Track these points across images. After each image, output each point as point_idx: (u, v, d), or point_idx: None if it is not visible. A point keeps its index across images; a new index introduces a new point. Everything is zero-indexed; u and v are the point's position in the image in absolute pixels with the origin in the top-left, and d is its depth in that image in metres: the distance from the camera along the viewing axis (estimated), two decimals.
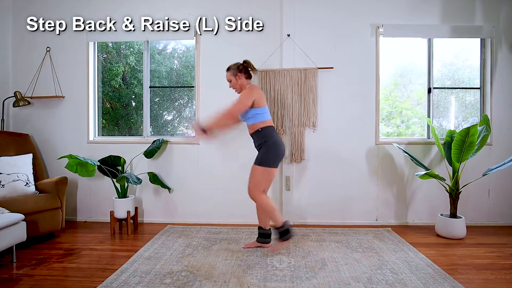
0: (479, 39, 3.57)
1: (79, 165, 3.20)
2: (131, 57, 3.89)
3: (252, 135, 2.68)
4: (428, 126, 3.55)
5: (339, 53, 3.51)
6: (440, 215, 3.19)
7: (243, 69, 2.70)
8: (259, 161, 2.57)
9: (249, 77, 2.73)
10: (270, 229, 2.81)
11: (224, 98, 3.44)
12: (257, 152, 2.68)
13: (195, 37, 3.57)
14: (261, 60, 3.48)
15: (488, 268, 2.42)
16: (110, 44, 3.87)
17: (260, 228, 2.80)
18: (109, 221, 3.30)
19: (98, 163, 3.31)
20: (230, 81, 2.73)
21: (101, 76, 3.85)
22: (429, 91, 3.60)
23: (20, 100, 3.46)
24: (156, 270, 2.34)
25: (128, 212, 3.23)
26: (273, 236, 2.75)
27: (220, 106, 3.49)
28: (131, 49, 3.88)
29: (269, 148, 2.55)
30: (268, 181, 2.59)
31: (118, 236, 3.18)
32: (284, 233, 2.58)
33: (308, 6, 3.50)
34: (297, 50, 3.47)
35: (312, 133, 3.52)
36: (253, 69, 2.75)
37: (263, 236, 2.78)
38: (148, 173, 3.51)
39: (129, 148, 3.61)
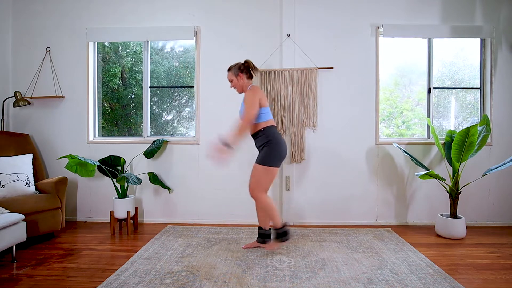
0: (479, 39, 3.57)
1: (79, 165, 3.19)
2: (127, 58, 3.88)
3: (253, 135, 2.67)
4: (428, 126, 3.55)
5: (339, 53, 3.51)
6: (440, 215, 3.19)
7: (245, 69, 2.68)
8: (261, 160, 2.55)
9: (250, 77, 2.72)
10: (270, 229, 2.81)
11: (224, 98, 3.45)
12: (257, 152, 2.68)
13: (195, 37, 3.57)
14: (261, 60, 3.48)
15: (488, 268, 2.42)
16: (107, 44, 3.87)
17: (260, 228, 2.80)
18: (109, 221, 3.30)
19: (98, 163, 3.31)
20: (231, 81, 2.73)
21: (101, 76, 3.85)
22: (429, 91, 3.60)
23: (20, 100, 3.46)
24: (156, 270, 2.34)
25: (128, 212, 3.23)
26: (272, 236, 2.75)
27: (221, 106, 3.52)
28: (127, 50, 3.88)
29: (272, 148, 2.54)
30: (269, 180, 2.59)
31: (118, 236, 3.18)
32: (282, 234, 2.59)
33: (308, 6, 3.50)
34: (297, 50, 3.47)
35: (312, 133, 3.52)
36: (254, 69, 2.71)
37: (263, 236, 2.77)
38: (148, 173, 3.50)
39: (129, 148, 3.61)
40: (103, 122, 3.89)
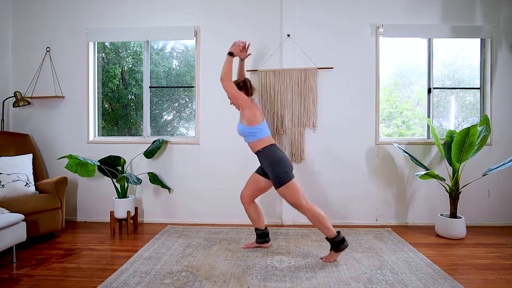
0: (479, 39, 3.57)
1: (79, 165, 3.19)
2: (128, 58, 3.89)
3: (255, 153, 2.64)
4: (428, 126, 3.55)
5: (339, 53, 3.51)
6: (440, 215, 3.19)
7: (244, 86, 2.67)
8: (278, 183, 2.49)
9: (249, 94, 2.70)
10: (266, 228, 2.81)
11: (224, 98, 3.42)
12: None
13: (195, 37, 3.57)
14: (261, 60, 3.48)
15: (488, 268, 2.42)
16: (108, 45, 3.87)
17: (256, 229, 2.79)
18: (109, 221, 3.30)
19: (98, 163, 3.31)
20: (230, 98, 2.72)
21: (101, 76, 3.85)
22: (429, 91, 3.60)
23: (20, 100, 3.46)
24: (156, 270, 2.34)
25: (128, 212, 3.23)
26: (330, 247, 2.51)
27: (221, 106, 3.52)
28: (128, 51, 3.88)
29: (276, 169, 2.49)
30: (297, 191, 2.50)
31: (118, 236, 3.18)
32: (339, 243, 2.45)
33: (308, 6, 3.50)
34: (297, 50, 3.47)
35: (312, 133, 3.52)
36: (251, 88, 2.71)
37: (262, 236, 2.78)
38: (148, 173, 3.50)
39: (129, 148, 3.61)
40: (103, 122, 3.89)
